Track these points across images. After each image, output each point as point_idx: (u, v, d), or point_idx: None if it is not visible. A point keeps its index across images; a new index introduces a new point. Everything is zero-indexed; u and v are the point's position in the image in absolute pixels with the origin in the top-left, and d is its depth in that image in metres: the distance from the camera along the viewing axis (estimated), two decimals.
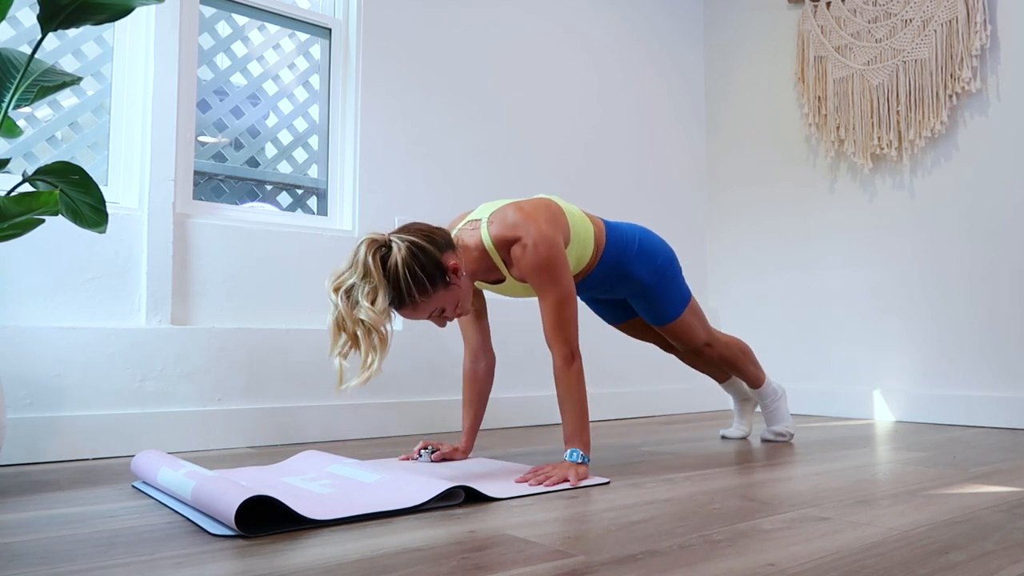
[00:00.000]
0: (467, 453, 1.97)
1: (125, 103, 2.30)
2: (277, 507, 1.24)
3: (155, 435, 2.11)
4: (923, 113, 3.07)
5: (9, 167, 2.04)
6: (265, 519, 1.22)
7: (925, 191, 3.10)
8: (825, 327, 3.38)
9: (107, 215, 1.63)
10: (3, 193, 1.58)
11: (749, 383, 2.33)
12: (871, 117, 3.23)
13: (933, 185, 3.08)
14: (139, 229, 2.22)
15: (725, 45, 3.85)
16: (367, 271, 1.48)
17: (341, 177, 2.71)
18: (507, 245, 1.70)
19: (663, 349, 2.36)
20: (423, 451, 1.92)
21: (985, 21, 2.94)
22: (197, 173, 2.44)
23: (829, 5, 3.40)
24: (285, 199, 2.66)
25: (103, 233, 1.67)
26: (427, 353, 2.67)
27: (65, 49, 2.24)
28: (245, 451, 2.19)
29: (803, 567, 1.00)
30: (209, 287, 2.34)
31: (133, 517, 1.30)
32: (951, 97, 3.01)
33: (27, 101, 1.60)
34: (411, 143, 2.82)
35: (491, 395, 1.99)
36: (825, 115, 3.38)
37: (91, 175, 1.60)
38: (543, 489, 1.53)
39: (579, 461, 1.64)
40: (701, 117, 3.90)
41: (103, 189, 1.79)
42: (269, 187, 2.63)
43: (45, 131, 2.21)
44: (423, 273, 1.53)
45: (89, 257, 2.14)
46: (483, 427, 2.34)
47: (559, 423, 1.76)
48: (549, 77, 3.28)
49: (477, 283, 1.86)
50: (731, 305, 3.72)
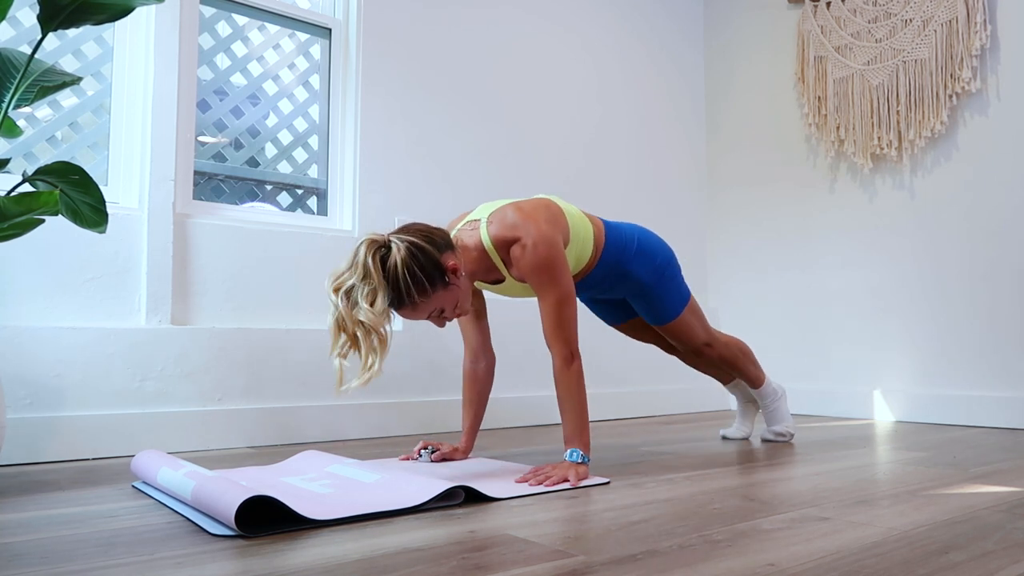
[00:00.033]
0: (467, 453, 1.97)
1: (125, 103, 2.30)
2: (277, 507, 1.24)
3: (155, 435, 2.11)
4: (923, 113, 3.07)
5: (9, 167, 2.04)
6: (265, 519, 1.22)
7: (925, 191, 3.10)
8: (825, 327, 3.38)
9: (107, 215, 1.63)
10: (3, 193, 1.58)
11: (749, 383, 2.33)
12: (871, 117, 3.23)
13: (933, 185, 3.08)
14: (139, 229, 2.22)
15: (725, 45, 3.85)
16: (367, 272, 1.49)
17: (341, 177, 2.71)
18: (506, 245, 1.70)
19: (664, 350, 2.36)
20: (423, 451, 1.92)
21: (985, 21, 2.94)
22: (197, 173, 2.44)
23: (829, 5, 3.40)
24: (285, 199, 2.66)
25: (103, 233, 1.67)
26: (427, 353, 2.67)
27: (65, 49, 2.24)
28: (245, 451, 2.19)
29: (803, 567, 1.00)
30: (209, 287, 2.34)
31: (133, 517, 1.30)
32: (951, 97, 3.01)
33: (27, 101, 1.60)
34: (411, 143, 2.82)
35: (491, 395, 2.00)
36: (825, 115, 3.38)
37: (91, 175, 1.60)
38: (543, 489, 1.53)
39: (579, 461, 1.65)
40: (701, 117, 3.90)
41: (103, 189, 1.79)
42: (269, 187, 2.63)
43: (45, 131, 2.21)
44: (422, 274, 1.54)
45: (89, 257, 2.14)
46: (483, 427, 2.34)
47: (559, 423, 1.76)
48: (549, 77, 3.28)
49: (477, 283, 1.86)
50: (731, 305, 3.72)
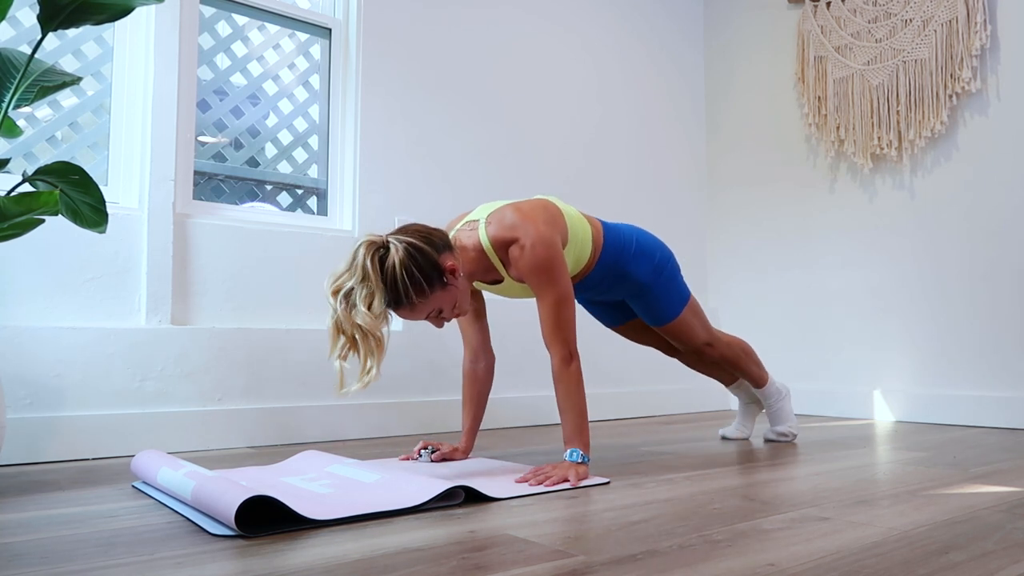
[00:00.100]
0: (467, 453, 1.97)
1: (125, 103, 2.30)
2: (277, 507, 1.24)
3: (155, 435, 2.11)
4: (923, 113, 3.07)
5: (9, 167, 2.04)
6: (265, 519, 1.22)
7: (925, 191, 3.10)
8: (825, 327, 3.38)
9: (107, 215, 1.63)
10: (3, 193, 1.58)
11: (752, 383, 2.33)
12: (871, 117, 3.23)
13: (933, 185, 3.08)
14: (139, 229, 2.22)
15: (725, 45, 3.85)
16: (365, 274, 1.49)
17: (341, 177, 2.71)
18: (505, 246, 1.70)
19: (664, 353, 2.35)
20: (423, 451, 1.92)
21: (985, 21, 2.94)
22: (197, 173, 2.44)
23: (829, 5, 3.40)
24: (285, 199, 2.66)
25: (103, 233, 1.68)
26: (427, 353, 2.67)
27: (65, 49, 2.24)
28: (245, 451, 2.19)
29: (803, 567, 1.00)
30: (209, 287, 2.34)
31: (133, 517, 1.30)
32: (951, 97, 3.01)
33: (27, 101, 1.60)
34: (411, 143, 2.82)
35: (491, 395, 1.99)
36: (825, 115, 3.38)
37: (91, 175, 1.60)
38: (543, 489, 1.53)
39: (579, 461, 1.65)
40: (701, 117, 3.90)
41: (103, 189, 1.79)
42: (269, 187, 2.63)
43: (45, 131, 2.21)
44: (420, 274, 1.54)
45: (89, 257, 2.14)
46: (483, 427, 2.34)
47: (559, 423, 1.76)
48: (549, 77, 3.28)
49: (475, 284, 1.86)
50: (731, 305, 3.72)
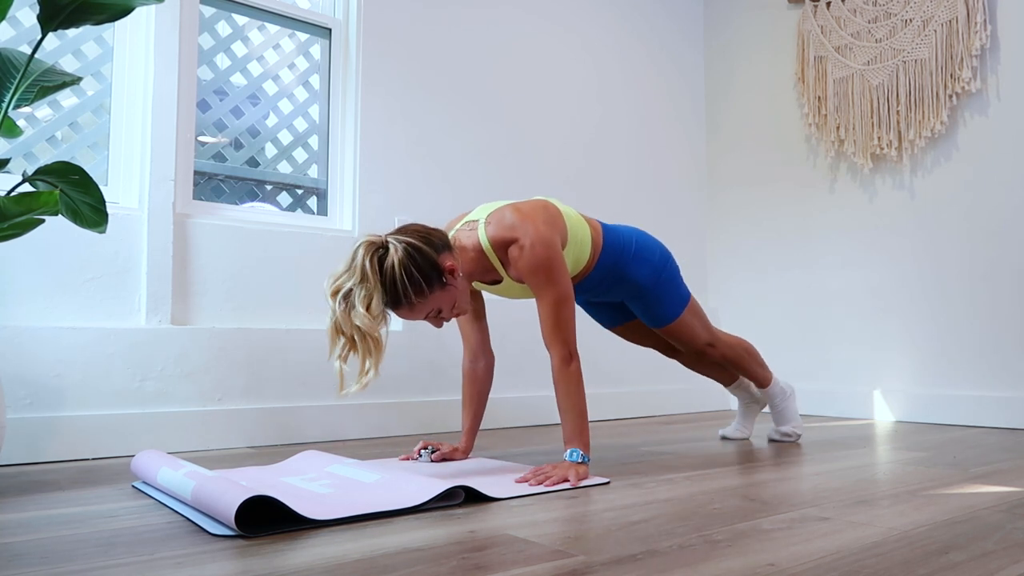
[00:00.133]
0: (467, 453, 1.97)
1: (125, 103, 2.30)
2: (277, 507, 1.24)
3: (155, 435, 2.11)
4: (923, 113, 3.07)
5: (9, 167, 2.04)
6: (265, 519, 1.22)
7: (925, 191, 3.10)
8: (825, 327, 3.38)
9: (107, 215, 1.63)
10: (3, 193, 1.58)
11: (756, 383, 2.32)
12: (871, 117, 3.23)
13: (933, 185, 3.08)
14: (139, 229, 2.22)
15: (725, 45, 3.85)
16: (364, 275, 1.49)
17: (341, 177, 2.71)
18: (504, 246, 1.70)
19: (664, 354, 2.35)
20: (423, 451, 1.92)
21: (985, 21, 2.94)
22: (197, 173, 2.44)
23: (829, 5, 3.40)
24: (285, 199, 2.66)
25: (103, 233, 1.68)
26: (426, 353, 2.67)
27: (65, 49, 2.24)
28: (245, 451, 2.19)
29: (803, 567, 1.00)
30: (209, 287, 2.34)
31: (133, 517, 1.30)
32: (951, 97, 3.01)
33: (27, 101, 1.60)
34: (411, 143, 2.82)
35: (491, 395, 2.00)
36: (825, 115, 3.38)
37: (91, 175, 1.60)
38: (543, 489, 1.53)
39: (579, 461, 1.65)
40: (701, 117, 3.90)
41: (103, 189, 1.79)
42: (269, 187, 2.63)
43: (45, 131, 2.21)
44: (419, 274, 1.54)
45: (89, 257, 2.14)
46: (483, 427, 2.34)
47: (559, 423, 1.76)
48: (549, 77, 3.28)
49: (475, 284, 1.86)
50: (731, 305, 3.72)
